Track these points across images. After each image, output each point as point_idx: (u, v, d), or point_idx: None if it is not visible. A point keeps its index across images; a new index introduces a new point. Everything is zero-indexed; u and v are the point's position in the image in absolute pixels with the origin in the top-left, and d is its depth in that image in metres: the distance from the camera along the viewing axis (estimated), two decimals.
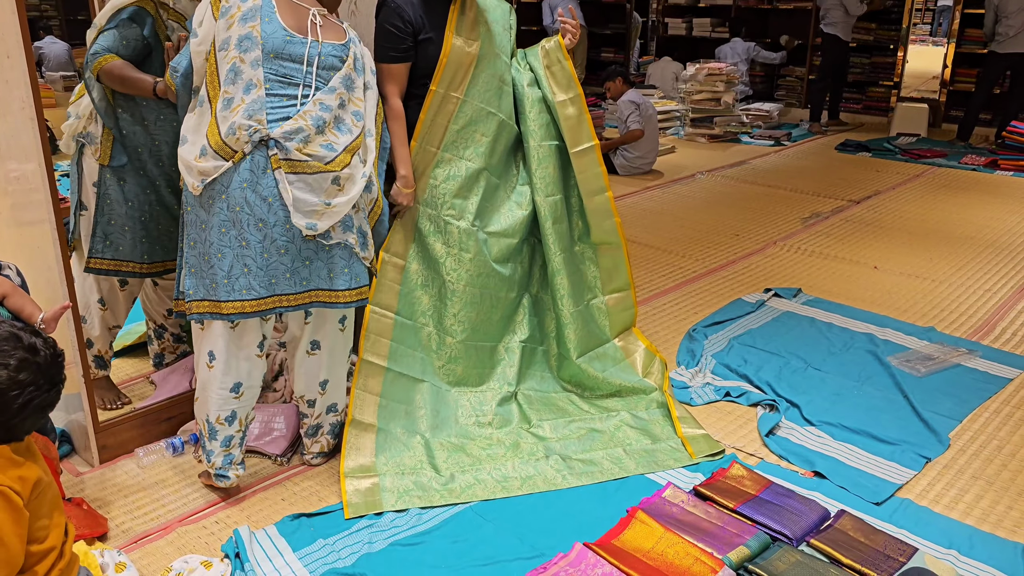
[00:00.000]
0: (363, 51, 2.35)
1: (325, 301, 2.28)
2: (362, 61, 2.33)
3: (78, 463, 2.53)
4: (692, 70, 7.73)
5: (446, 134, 2.63)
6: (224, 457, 2.33)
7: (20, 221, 2.38)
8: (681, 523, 2.22)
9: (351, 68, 2.26)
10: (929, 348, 3.38)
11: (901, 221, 5.24)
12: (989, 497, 2.44)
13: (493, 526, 2.26)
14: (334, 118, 2.21)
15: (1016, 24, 7.01)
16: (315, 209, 2.16)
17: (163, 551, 2.16)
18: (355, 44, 2.32)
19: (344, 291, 2.29)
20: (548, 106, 2.82)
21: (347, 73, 2.25)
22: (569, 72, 2.83)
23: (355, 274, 2.30)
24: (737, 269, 4.33)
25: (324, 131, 2.18)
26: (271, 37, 2.15)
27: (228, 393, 2.28)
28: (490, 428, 2.68)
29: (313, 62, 2.20)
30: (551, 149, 2.83)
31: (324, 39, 2.23)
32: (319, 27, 2.23)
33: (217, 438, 2.31)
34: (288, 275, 2.20)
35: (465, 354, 2.74)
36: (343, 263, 2.28)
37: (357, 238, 2.28)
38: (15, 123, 2.21)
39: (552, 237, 2.84)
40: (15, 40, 2.10)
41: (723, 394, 2.99)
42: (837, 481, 2.47)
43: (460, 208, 2.67)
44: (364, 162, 2.27)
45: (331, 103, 2.20)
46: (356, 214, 2.28)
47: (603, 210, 2.93)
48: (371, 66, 2.37)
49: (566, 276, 2.87)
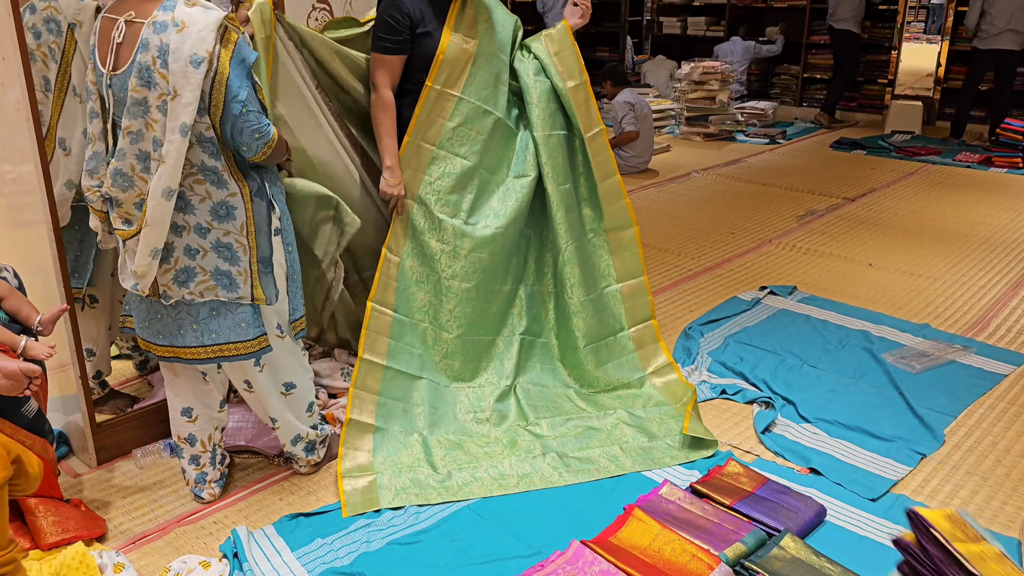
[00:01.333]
0: (169, 42, 1.89)
1: (184, 358, 2.14)
2: (161, 62, 1.90)
3: (76, 464, 2.53)
4: (687, 69, 7.74)
5: (442, 131, 2.63)
6: (197, 475, 2.33)
7: (16, 223, 2.38)
8: (678, 520, 2.23)
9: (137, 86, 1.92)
10: (924, 345, 3.39)
11: (896, 218, 5.25)
12: (984, 493, 2.45)
13: (490, 524, 2.27)
14: (137, 161, 1.98)
15: (1000, 22, 7.02)
16: (133, 272, 2.04)
17: (161, 551, 2.16)
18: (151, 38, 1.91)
19: (198, 347, 2.12)
20: (556, 95, 2.81)
21: (137, 96, 1.93)
22: (577, 56, 2.81)
23: (212, 330, 2.11)
24: (732, 267, 4.34)
25: (132, 184, 2.00)
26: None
27: (180, 416, 2.29)
28: (488, 425, 2.69)
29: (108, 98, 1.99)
30: (559, 139, 2.83)
31: (117, 64, 1.95)
32: (117, 44, 1.95)
33: (183, 456, 2.32)
34: (147, 323, 2.14)
35: (462, 349, 2.75)
36: (190, 319, 2.11)
37: (205, 288, 2.07)
38: (11, 125, 2.21)
39: (564, 226, 2.83)
40: (10, 41, 2.10)
41: (719, 392, 3.00)
42: (833, 477, 2.48)
43: (455, 205, 2.67)
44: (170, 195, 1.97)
45: (124, 146, 1.97)
46: (201, 258, 2.05)
47: (614, 192, 2.93)
48: (186, 57, 1.89)
49: (577, 265, 2.87)
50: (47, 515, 2.07)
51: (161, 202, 1.96)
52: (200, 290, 2.08)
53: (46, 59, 2.27)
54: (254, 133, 2.00)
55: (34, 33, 2.25)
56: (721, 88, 7.74)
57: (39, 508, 2.07)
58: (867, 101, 8.85)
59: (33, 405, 2.08)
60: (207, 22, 1.90)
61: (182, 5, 1.92)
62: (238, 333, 2.13)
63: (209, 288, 2.08)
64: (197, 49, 1.88)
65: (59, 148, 2.32)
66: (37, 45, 2.26)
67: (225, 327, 2.12)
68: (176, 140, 1.91)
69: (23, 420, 2.03)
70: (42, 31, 2.26)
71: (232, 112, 1.96)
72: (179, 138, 1.91)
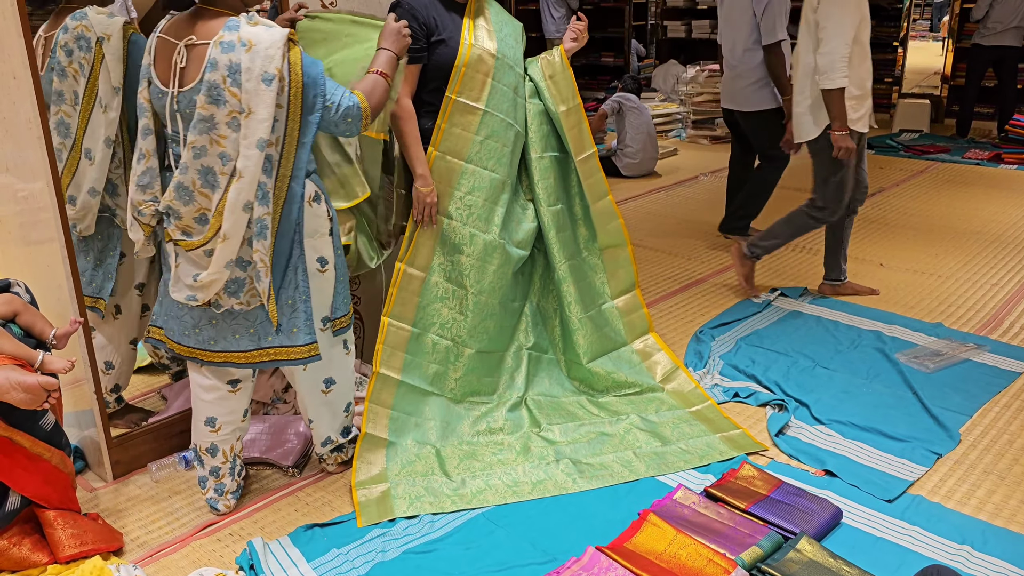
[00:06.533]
0: (240, 61, 1.95)
1: (233, 361, 2.19)
2: (231, 81, 1.96)
3: (92, 479, 2.54)
4: (692, 72, 7.74)
5: (470, 145, 2.63)
6: (215, 487, 2.34)
7: (29, 240, 2.40)
8: (693, 525, 2.22)
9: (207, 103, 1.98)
10: (937, 344, 3.37)
11: (906, 218, 5.23)
12: (1001, 492, 2.43)
13: (505, 532, 2.27)
14: (199, 176, 2.03)
15: (1004, 19, 6.99)
16: (190, 284, 2.11)
17: (178, 564, 2.17)
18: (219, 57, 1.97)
19: (252, 351, 2.18)
20: (549, 117, 2.83)
21: (204, 113, 1.99)
22: (571, 82, 2.84)
23: (262, 334, 2.17)
24: None
25: (193, 199, 2.05)
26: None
27: (204, 426, 2.30)
28: (501, 434, 2.69)
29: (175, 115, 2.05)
30: (552, 160, 2.85)
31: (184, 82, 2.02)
32: (180, 68, 2.02)
33: (204, 467, 2.34)
34: (197, 330, 2.18)
35: (481, 364, 2.75)
36: (246, 324, 2.17)
37: (251, 296, 2.14)
38: (23, 142, 2.23)
39: (557, 246, 2.85)
40: (21, 61, 2.13)
41: (732, 395, 2.99)
42: (848, 479, 2.47)
43: (486, 220, 2.67)
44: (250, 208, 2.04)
45: (188, 161, 2.02)
46: (251, 269, 2.11)
47: (607, 212, 2.95)
48: (258, 75, 1.96)
49: (572, 283, 2.88)
50: (65, 528, 2.09)
51: (241, 215, 2.03)
52: (247, 299, 2.14)
53: (76, 75, 2.35)
54: (345, 119, 2.13)
55: (66, 51, 2.33)
56: None
57: (58, 521, 2.08)
58: (874, 100, 8.81)
59: (51, 418, 2.09)
60: (273, 40, 1.97)
61: (245, 25, 1.99)
62: (291, 339, 2.18)
63: (255, 296, 2.14)
64: (267, 67, 1.95)
65: (84, 158, 2.39)
66: (68, 62, 2.34)
67: (280, 332, 2.18)
68: (253, 155, 1.98)
69: (41, 433, 2.05)
70: (73, 48, 2.33)
71: (318, 116, 2.08)
72: (256, 153, 1.98)
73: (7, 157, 2.32)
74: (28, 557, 2.06)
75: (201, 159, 2.01)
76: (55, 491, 2.09)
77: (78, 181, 2.40)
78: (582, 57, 9.89)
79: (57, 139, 2.36)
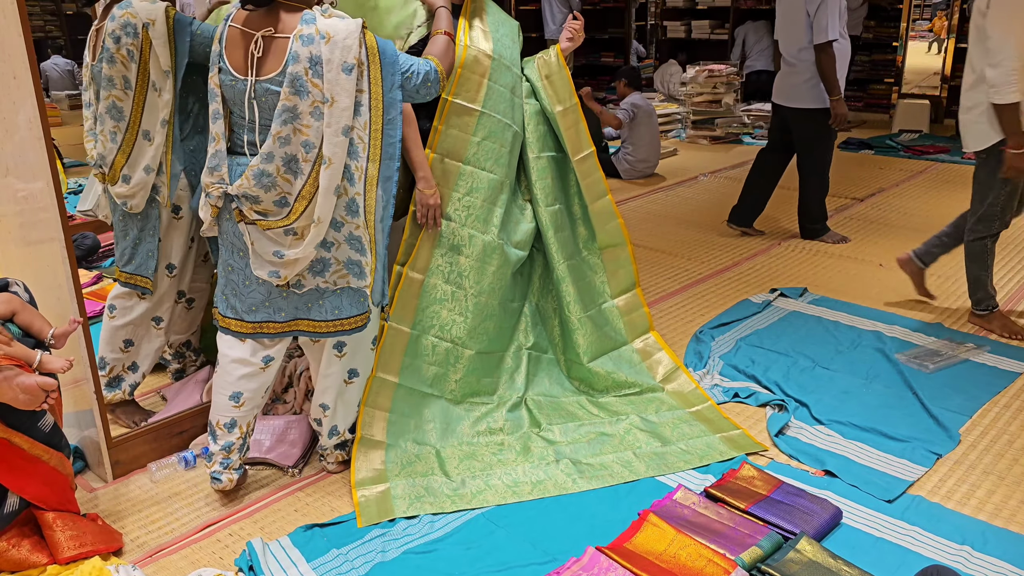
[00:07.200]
0: (320, 53, 2.05)
1: (305, 330, 2.30)
2: (313, 72, 2.05)
3: (91, 479, 2.54)
4: (692, 72, 7.74)
5: (468, 146, 2.63)
6: (222, 461, 2.37)
7: (29, 240, 2.40)
8: (693, 525, 2.22)
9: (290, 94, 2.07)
10: (937, 344, 3.37)
11: (905, 218, 5.23)
12: (1001, 492, 2.43)
13: (505, 532, 2.26)
14: (283, 163, 2.10)
15: None
16: (272, 260, 2.18)
17: (177, 565, 2.17)
18: (300, 50, 2.04)
19: (323, 322, 2.29)
20: (546, 117, 2.83)
21: (288, 104, 2.06)
22: (568, 81, 2.84)
23: (335, 306, 2.28)
24: (742, 270, 4.33)
25: (274, 184, 2.11)
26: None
27: (228, 400, 2.33)
28: (501, 434, 2.69)
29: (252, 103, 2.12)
30: (549, 160, 2.85)
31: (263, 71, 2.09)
32: (256, 58, 2.10)
33: (218, 442, 2.36)
34: (267, 304, 2.26)
35: (481, 365, 2.75)
36: (318, 295, 2.27)
37: (339, 277, 2.24)
38: (23, 143, 2.23)
39: (555, 246, 2.85)
40: (21, 61, 2.12)
41: (732, 395, 2.99)
42: (848, 479, 2.47)
43: (485, 221, 2.67)
44: (337, 194, 2.14)
45: (272, 149, 2.09)
46: (336, 250, 2.21)
47: (606, 212, 2.95)
48: (338, 66, 2.05)
49: (571, 283, 2.88)
50: (65, 529, 2.08)
51: (332, 199, 2.12)
52: (334, 279, 2.24)
53: (125, 61, 2.41)
54: (425, 83, 2.24)
55: (114, 39, 2.39)
56: (726, 91, 7.74)
57: (57, 522, 2.08)
58: (874, 100, 8.83)
59: (49, 419, 2.09)
60: (349, 30, 2.06)
61: (321, 18, 2.07)
62: (356, 307, 2.30)
63: (342, 276, 2.24)
64: (346, 57, 2.05)
65: (143, 139, 2.48)
66: (116, 49, 2.39)
67: (347, 303, 2.29)
68: (340, 142, 2.08)
69: (40, 434, 2.04)
70: (121, 35, 2.39)
71: (399, 92, 2.17)
72: (342, 139, 2.09)
73: (7, 157, 2.32)
74: (27, 558, 2.06)
75: (285, 147, 2.08)
76: (54, 493, 2.09)
77: (133, 160, 2.48)
78: (582, 57, 9.92)
79: (111, 123, 2.45)
